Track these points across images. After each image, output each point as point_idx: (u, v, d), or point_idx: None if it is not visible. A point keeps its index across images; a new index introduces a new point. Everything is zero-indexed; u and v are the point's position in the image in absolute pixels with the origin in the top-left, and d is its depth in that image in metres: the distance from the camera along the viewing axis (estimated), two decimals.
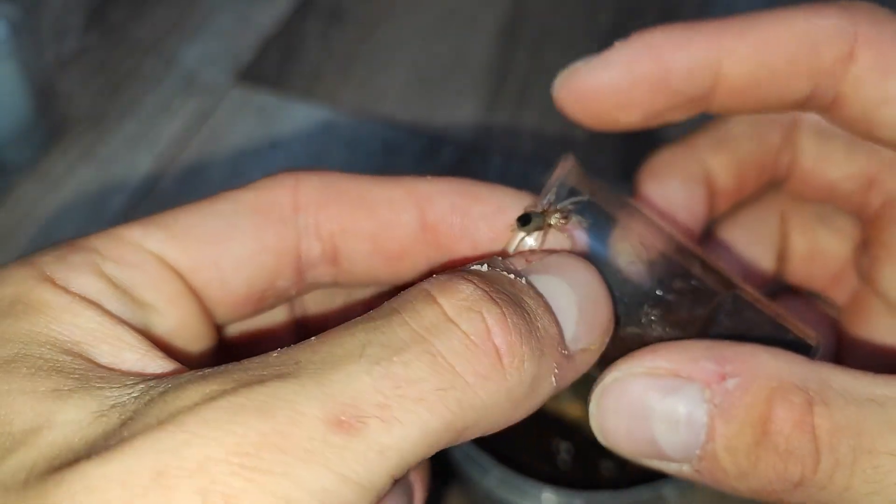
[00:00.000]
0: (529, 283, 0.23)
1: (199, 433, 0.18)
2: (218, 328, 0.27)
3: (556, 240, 0.26)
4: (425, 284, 0.22)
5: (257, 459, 0.18)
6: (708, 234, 0.34)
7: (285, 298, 0.28)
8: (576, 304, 0.23)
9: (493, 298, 0.21)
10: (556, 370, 0.22)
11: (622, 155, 0.56)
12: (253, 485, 0.18)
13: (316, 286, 0.28)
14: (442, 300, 0.21)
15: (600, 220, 0.26)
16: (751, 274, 0.34)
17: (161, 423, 0.19)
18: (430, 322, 0.21)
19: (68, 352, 0.22)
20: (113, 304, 0.23)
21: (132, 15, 0.65)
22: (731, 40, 0.26)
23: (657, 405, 0.23)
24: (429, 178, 0.27)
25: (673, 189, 0.32)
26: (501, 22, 0.66)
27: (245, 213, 0.26)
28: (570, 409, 0.41)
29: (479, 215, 0.26)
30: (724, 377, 0.23)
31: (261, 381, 0.19)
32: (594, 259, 0.26)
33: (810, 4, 0.27)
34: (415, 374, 0.20)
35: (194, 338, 0.26)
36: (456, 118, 0.59)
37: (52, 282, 0.23)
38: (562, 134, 0.57)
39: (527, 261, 0.24)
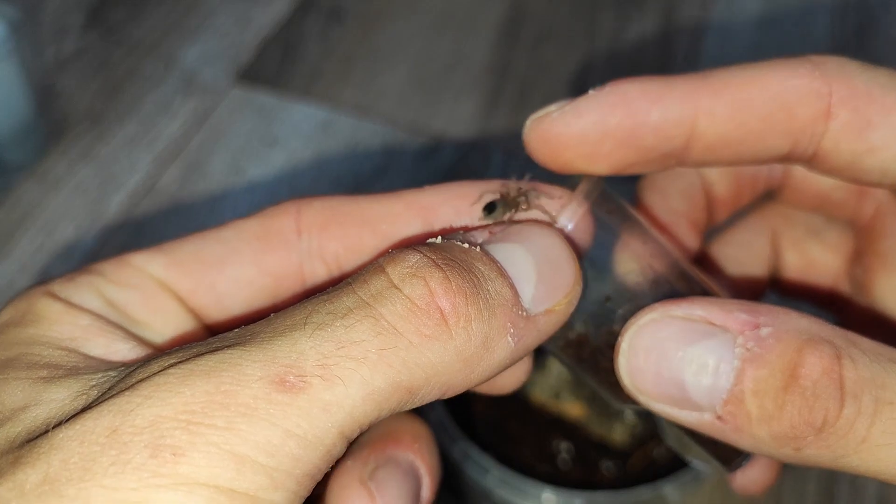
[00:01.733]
0: (484, 251, 0.24)
1: (151, 396, 0.20)
2: None
3: (533, 215, 0.26)
4: (380, 258, 0.23)
5: (202, 416, 0.19)
6: (703, 255, 0.34)
7: None
8: (533, 267, 0.24)
9: (437, 264, 0.22)
10: (511, 330, 0.23)
11: None
12: (199, 438, 0.19)
13: None
14: (389, 269, 0.22)
15: (612, 237, 0.27)
16: (746, 292, 0.34)
17: (121, 391, 0.20)
18: (375, 290, 0.22)
19: (64, 348, 0.24)
20: (110, 317, 0.26)
21: (132, 15, 0.65)
22: (707, 99, 0.26)
23: (689, 348, 0.24)
24: (427, 187, 0.28)
25: (673, 200, 0.32)
26: (501, 22, 0.66)
27: (246, 239, 0.28)
28: (570, 409, 0.41)
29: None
30: (757, 326, 0.24)
31: (213, 350, 0.21)
32: (603, 273, 0.26)
33: (784, 62, 0.27)
34: (357, 336, 0.21)
35: None
36: (456, 118, 0.59)
37: (57, 297, 0.25)
38: None
39: (490, 233, 0.25)
